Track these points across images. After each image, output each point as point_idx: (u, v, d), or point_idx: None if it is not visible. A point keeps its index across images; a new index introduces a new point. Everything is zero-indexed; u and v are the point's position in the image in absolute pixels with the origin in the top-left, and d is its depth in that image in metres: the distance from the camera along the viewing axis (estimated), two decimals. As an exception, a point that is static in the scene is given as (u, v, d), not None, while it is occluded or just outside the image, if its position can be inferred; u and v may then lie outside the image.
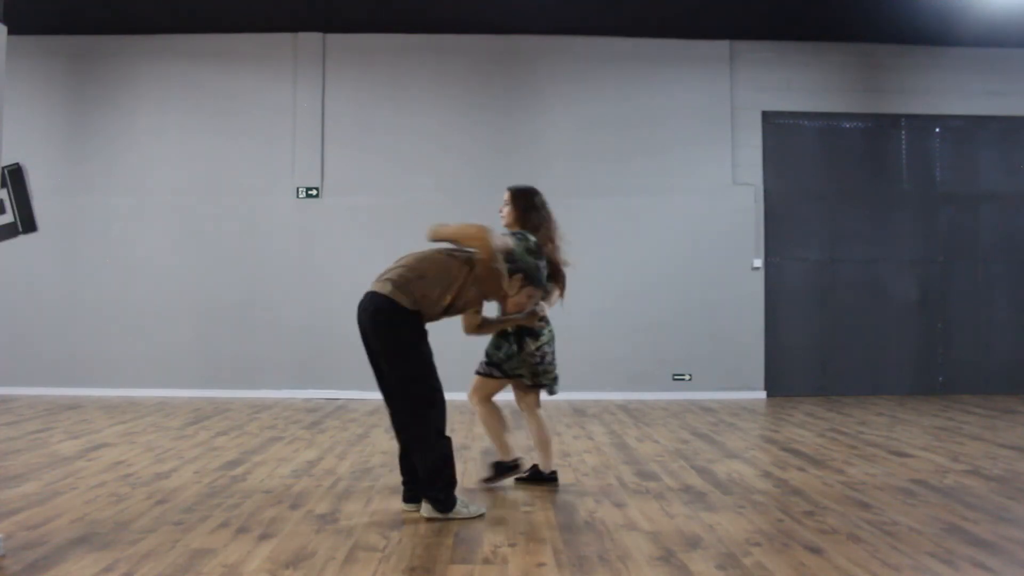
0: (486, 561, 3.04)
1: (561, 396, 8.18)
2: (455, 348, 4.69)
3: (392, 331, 3.58)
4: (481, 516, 3.66)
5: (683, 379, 8.53)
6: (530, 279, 3.79)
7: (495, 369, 4.27)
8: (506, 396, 4.42)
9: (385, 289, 3.57)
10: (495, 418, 4.34)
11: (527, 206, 4.26)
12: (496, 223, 4.40)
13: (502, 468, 4.31)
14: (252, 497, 4.01)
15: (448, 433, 3.67)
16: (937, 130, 9.01)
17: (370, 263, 8.21)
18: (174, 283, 8.47)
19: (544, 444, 4.37)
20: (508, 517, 3.69)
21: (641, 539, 3.33)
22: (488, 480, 4.31)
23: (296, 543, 3.24)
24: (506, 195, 4.34)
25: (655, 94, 8.77)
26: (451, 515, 3.60)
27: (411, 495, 3.78)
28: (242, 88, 8.68)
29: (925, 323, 8.89)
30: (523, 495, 4.13)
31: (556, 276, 4.26)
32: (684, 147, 8.74)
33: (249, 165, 8.61)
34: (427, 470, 3.59)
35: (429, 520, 3.60)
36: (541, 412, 4.39)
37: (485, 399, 4.34)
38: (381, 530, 3.45)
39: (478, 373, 4.32)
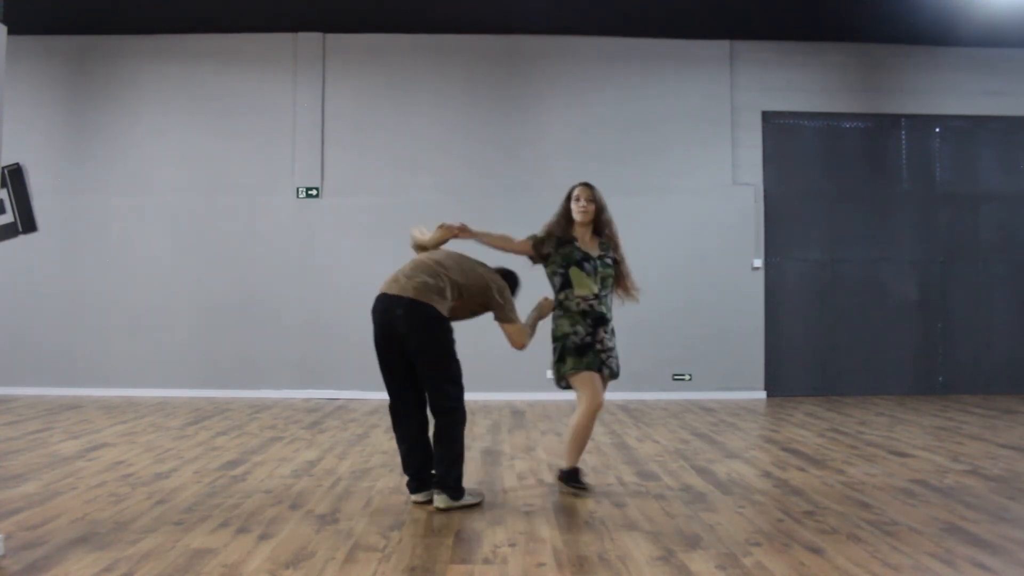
0: (486, 561, 3.04)
1: (561, 396, 8.29)
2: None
3: (433, 334, 3.83)
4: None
5: (683, 379, 8.53)
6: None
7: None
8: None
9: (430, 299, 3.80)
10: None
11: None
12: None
13: (574, 476, 4.20)
14: (252, 497, 4.01)
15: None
16: (937, 130, 9.01)
17: (370, 263, 8.34)
18: (174, 283, 8.47)
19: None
20: (508, 517, 3.69)
21: (641, 539, 3.33)
22: (571, 484, 4.18)
23: (296, 543, 3.24)
24: (587, 192, 4.30)
25: (655, 94, 8.77)
26: (462, 502, 3.81)
27: (420, 485, 3.92)
28: (242, 88, 8.67)
29: (925, 323, 8.89)
30: (523, 495, 4.13)
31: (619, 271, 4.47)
32: (684, 147, 8.74)
33: (249, 165, 8.61)
34: (450, 460, 3.80)
35: (443, 511, 3.74)
36: None
37: None
38: (381, 530, 3.45)
39: (595, 371, 4.14)
